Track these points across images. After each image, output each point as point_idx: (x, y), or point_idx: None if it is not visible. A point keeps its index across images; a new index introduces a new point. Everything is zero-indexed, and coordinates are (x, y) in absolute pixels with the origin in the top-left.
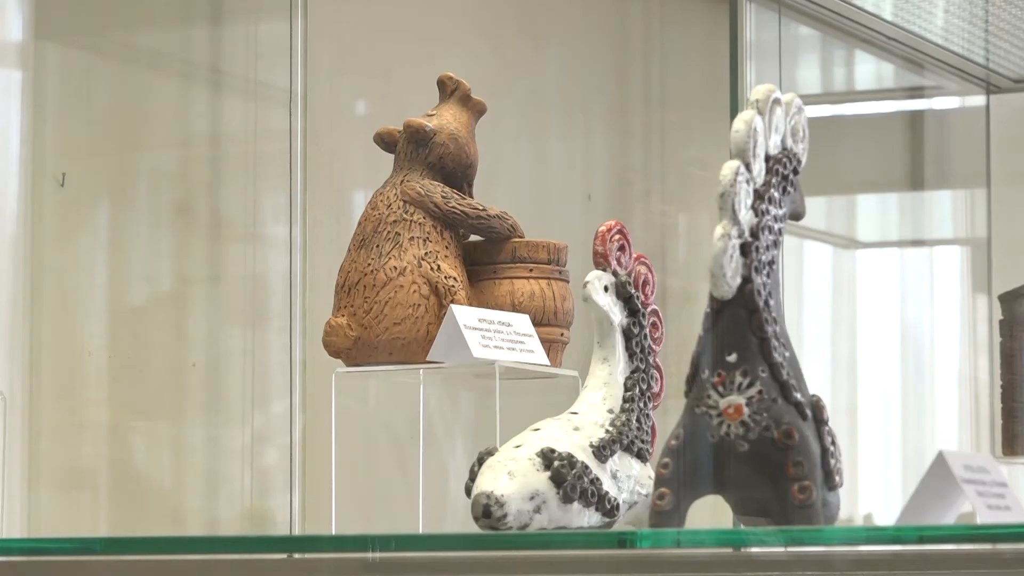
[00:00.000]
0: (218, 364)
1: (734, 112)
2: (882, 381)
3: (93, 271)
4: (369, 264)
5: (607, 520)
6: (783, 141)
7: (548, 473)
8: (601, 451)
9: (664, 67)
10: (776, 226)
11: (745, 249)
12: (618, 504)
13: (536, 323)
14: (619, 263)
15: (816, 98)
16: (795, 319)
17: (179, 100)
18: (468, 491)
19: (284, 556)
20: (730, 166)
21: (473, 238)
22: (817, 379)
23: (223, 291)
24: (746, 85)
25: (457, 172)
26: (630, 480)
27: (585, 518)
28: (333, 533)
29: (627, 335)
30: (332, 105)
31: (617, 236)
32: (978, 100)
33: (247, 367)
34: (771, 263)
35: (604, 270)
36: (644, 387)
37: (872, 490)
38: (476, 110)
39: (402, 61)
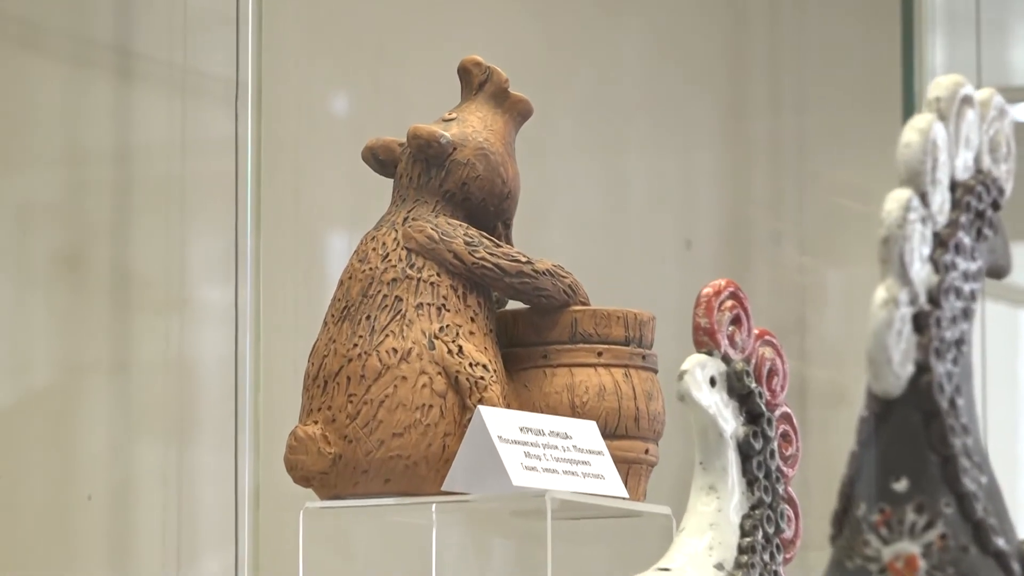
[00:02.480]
0: (124, 497)
1: (906, 116)
2: None
3: None
4: (356, 345)
5: None
6: (977, 160)
7: None
8: None
9: (801, 49)
10: (967, 287)
11: (921, 322)
12: None
13: (608, 434)
14: (732, 343)
15: None
16: (1001, 427)
17: (70, 95)
18: None
19: None
20: (898, 198)
21: (512, 305)
22: None
23: (132, 386)
24: (925, 75)
25: (488, 205)
26: None
27: None
28: None
29: (745, 452)
30: (299, 104)
31: (729, 302)
32: None
33: (169, 502)
34: (960, 343)
35: (710, 354)
36: (770, 530)
37: None
38: (517, 112)
39: (404, 38)
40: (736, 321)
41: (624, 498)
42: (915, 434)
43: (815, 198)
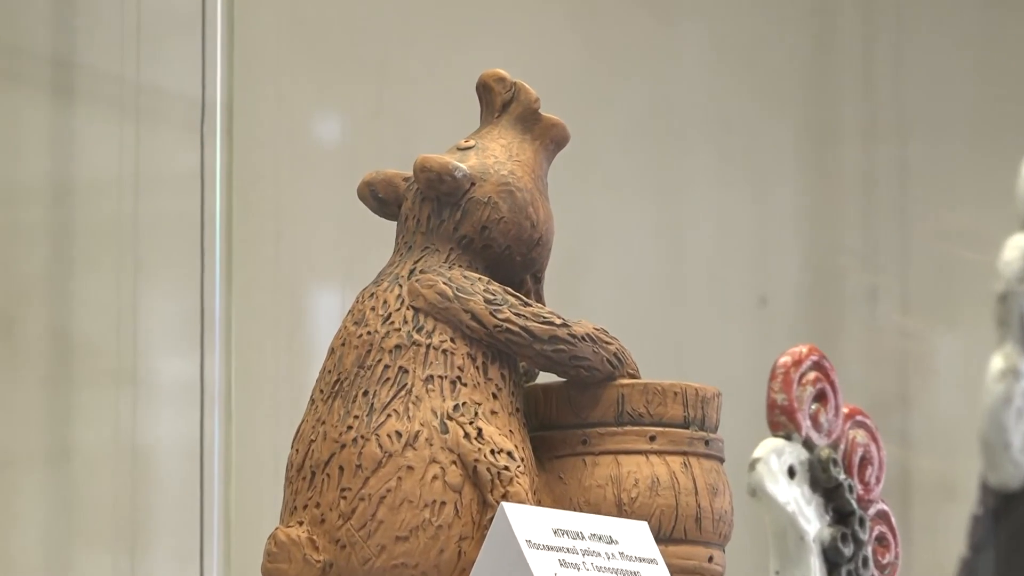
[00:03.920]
0: None
1: None
2: None
3: None
4: (350, 427)
5: None
6: None
7: None
8: None
9: (901, 64)
10: None
11: None
12: None
13: (663, 537)
14: (816, 424)
15: None
16: None
17: None
18: None
19: None
20: (1018, 245)
21: (544, 378)
22: None
23: (73, 479)
24: None
25: (514, 254)
26: None
27: None
28: None
29: (832, 559)
30: (279, 129)
31: (812, 374)
32: None
33: None
34: None
35: (789, 437)
36: None
37: None
38: (550, 139)
39: (410, 48)
40: (821, 397)
41: None
42: None
43: (918, 245)
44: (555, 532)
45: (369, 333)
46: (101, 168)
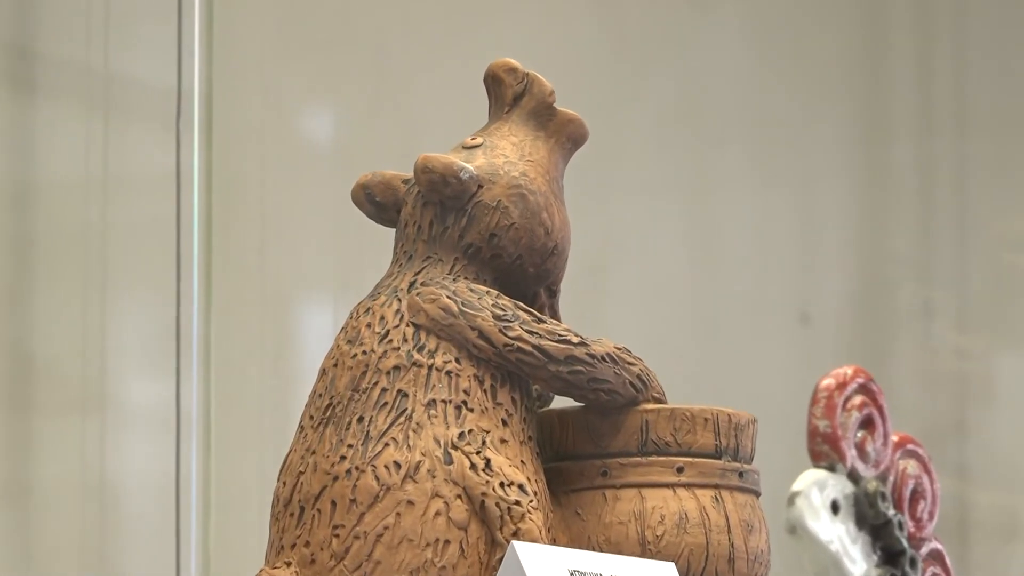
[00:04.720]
0: None
1: None
2: None
3: None
4: (344, 457)
5: None
6: None
7: None
8: None
9: (959, 53)
10: None
11: None
12: None
13: None
14: (862, 454)
15: None
16: None
17: None
18: None
19: None
20: None
21: (559, 402)
22: None
23: (34, 515)
24: None
25: (526, 265)
26: None
27: None
28: None
29: None
30: (264, 125)
31: (859, 398)
32: None
33: None
34: None
35: (832, 468)
36: None
37: None
38: (566, 136)
39: (410, 37)
40: (867, 424)
41: None
42: None
43: (978, 255)
44: (572, 574)
45: (364, 353)
46: (66, 168)
